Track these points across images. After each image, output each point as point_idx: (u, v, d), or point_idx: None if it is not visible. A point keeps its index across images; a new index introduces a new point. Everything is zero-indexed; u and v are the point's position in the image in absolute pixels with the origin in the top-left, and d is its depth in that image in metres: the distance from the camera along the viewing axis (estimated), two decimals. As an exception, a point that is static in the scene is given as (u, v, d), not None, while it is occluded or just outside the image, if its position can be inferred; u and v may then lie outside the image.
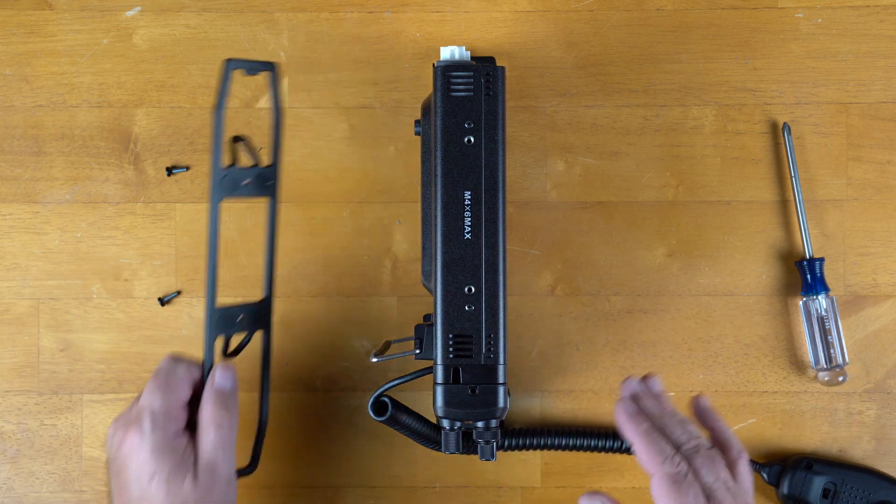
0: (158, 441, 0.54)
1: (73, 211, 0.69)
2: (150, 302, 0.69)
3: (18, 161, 0.69)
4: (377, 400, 0.60)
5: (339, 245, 0.69)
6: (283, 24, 0.69)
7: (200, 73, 0.69)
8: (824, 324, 0.67)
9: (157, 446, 0.54)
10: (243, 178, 0.57)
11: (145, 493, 0.54)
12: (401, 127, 0.69)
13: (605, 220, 0.69)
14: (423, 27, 0.69)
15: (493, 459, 0.56)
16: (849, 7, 0.69)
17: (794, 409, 0.68)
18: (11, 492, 0.69)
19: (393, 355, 0.62)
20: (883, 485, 0.66)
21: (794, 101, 0.69)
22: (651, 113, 0.69)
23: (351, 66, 0.69)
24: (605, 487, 0.69)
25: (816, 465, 0.66)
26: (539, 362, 0.69)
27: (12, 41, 0.69)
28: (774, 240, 0.69)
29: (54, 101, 0.69)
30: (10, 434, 0.69)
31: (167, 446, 0.54)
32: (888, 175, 0.69)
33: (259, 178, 0.59)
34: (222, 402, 0.57)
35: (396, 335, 0.68)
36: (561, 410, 0.69)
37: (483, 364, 0.54)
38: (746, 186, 0.69)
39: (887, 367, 0.68)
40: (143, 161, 0.69)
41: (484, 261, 0.53)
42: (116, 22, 0.69)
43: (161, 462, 0.54)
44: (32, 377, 0.69)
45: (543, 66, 0.69)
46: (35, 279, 0.69)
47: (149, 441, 0.54)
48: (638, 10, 0.69)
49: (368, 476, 0.69)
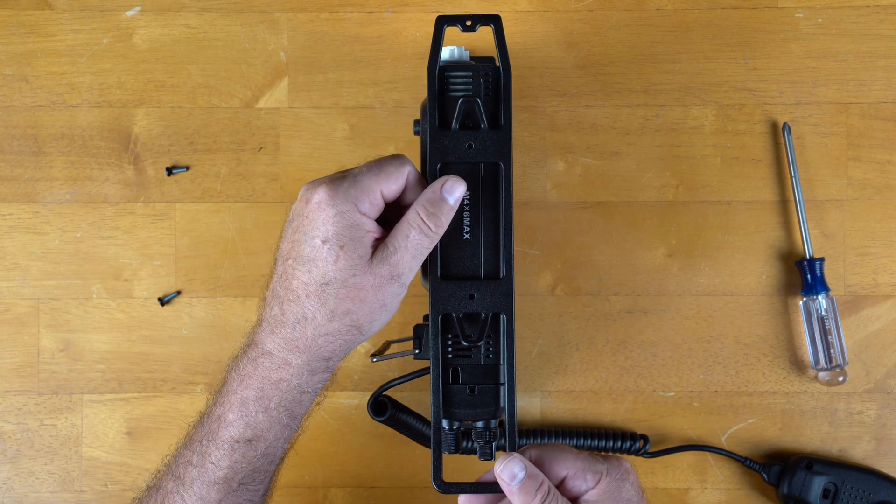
0: (348, 209, 0.50)
1: (73, 211, 0.69)
2: (150, 302, 0.69)
3: (18, 161, 0.69)
4: (377, 400, 0.60)
5: (339, 245, 0.69)
6: (283, 24, 0.69)
7: (200, 73, 0.69)
8: (824, 324, 0.67)
9: (343, 213, 0.50)
10: (466, 140, 0.53)
11: (315, 255, 0.50)
12: (401, 127, 0.69)
13: (605, 220, 0.69)
14: (423, 27, 0.69)
15: (492, 459, 0.55)
16: (849, 7, 0.69)
17: (794, 409, 0.68)
18: (11, 492, 0.69)
19: (392, 355, 0.61)
20: (883, 485, 0.66)
21: (794, 101, 0.69)
22: (651, 113, 0.69)
23: (351, 66, 0.69)
24: (604, 487, 0.68)
25: (816, 465, 0.66)
26: (539, 362, 0.69)
27: (12, 41, 0.69)
28: (774, 240, 0.69)
29: (54, 101, 0.69)
30: (10, 434, 0.69)
31: (354, 218, 0.50)
32: (888, 175, 0.69)
33: (486, 141, 0.53)
34: (437, 209, 0.51)
35: (396, 335, 0.68)
36: (561, 410, 0.69)
37: (482, 364, 0.54)
38: (746, 186, 0.69)
39: (887, 367, 0.68)
40: (143, 161, 0.69)
41: (483, 261, 0.53)
42: (116, 22, 0.69)
43: (341, 228, 0.50)
44: (32, 377, 0.69)
45: (543, 66, 0.69)
46: (35, 279, 0.69)
47: (340, 201, 0.50)
48: (638, 10, 0.69)
49: (368, 476, 0.69)
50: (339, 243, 0.50)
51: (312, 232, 0.50)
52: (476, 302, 0.53)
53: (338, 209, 0.50)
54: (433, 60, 0.53)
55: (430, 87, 0.53)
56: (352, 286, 0.50)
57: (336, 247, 0.50)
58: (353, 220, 0.50)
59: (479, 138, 0.53)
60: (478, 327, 0.53)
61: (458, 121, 0.53)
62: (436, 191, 0.51)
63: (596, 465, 0.51)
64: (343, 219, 0.50)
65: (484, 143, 0.53)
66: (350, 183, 0.50)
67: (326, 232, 0.50)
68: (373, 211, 0.51)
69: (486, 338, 0.53)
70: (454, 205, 0.52)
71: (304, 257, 0.50)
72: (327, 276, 0.50)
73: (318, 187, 0.51)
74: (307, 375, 0.52)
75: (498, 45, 0.54)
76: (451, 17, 0.54)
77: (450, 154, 0.53)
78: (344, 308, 0.50)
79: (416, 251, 0.51)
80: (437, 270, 0.53)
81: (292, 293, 0.51)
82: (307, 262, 0.50)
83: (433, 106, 0.53)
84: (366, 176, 0.51)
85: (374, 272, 0.50)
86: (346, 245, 0.50)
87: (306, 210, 0.51)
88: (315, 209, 0.50)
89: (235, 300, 0.69)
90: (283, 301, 0.51)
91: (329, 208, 0.50)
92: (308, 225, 0.50)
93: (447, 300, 0.53)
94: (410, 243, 0.51)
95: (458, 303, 0.53)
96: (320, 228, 0.50)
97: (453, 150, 0.53)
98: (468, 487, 0.53)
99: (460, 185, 0.52)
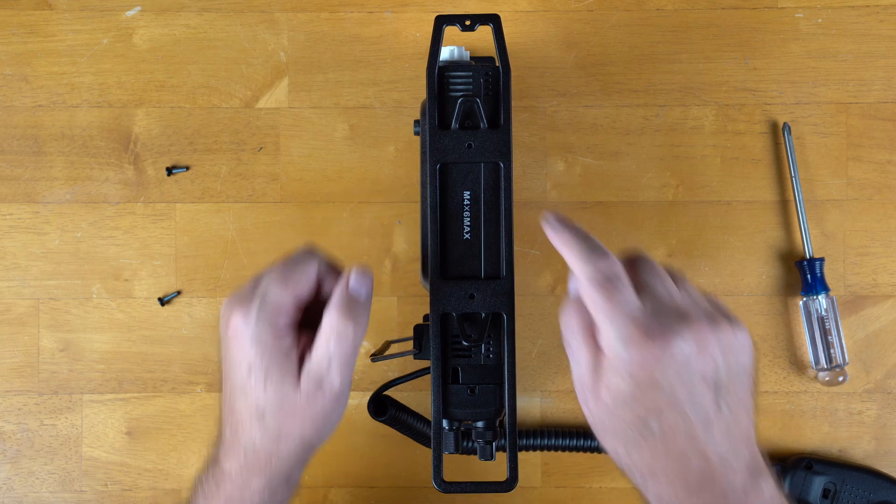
0: (263, 332, 0.48)
1: (73, 211, 0.69)
2: (150, 302, 0.69)
3: (18, 161, 0.69)
4: (377, 400, 0.60)
5: (339, 245, 0.69)
6: (283, 24, 0.69)
7: (200, 73, 0.69)
8: (824, 324, 0.67)
9: (259, 337, 0.48)
10: (466, 140, 0.53)
11: (244, 384, 0.49)
12: (401, 127, 0.69)
13: (605, 220, 0.69)
14: (423, 27, 0.69)
15: (492, 459, 0.55)
16: (849, 7, 0.69)
17: (794, 409, 0.68)
18: (11, 492, 0.69)
19: (392, 355, 0.61)
20: (883, 485, 0.66)
21: (794, 101, 0.69)
22: (651, 113, 0.69)
23: (351, 66, 0.69)
24: (605, 487, 0.69)
25: (816, 465, 0.66)
26: (539, 362, 0.69)
27: (12, 41, 0.69)
28: (774, 240, 0.69)
29: (54, 101, 0.69)
30: (10, 434, 0.69)
31: (270, 340, 0.48)
32: (888, 175, 0.69)
33: (485, 140, 0.53)
34: (351, 310, 0.49)
35: (396, 335, 0.68)
36: (561, 410, 0.69)
37: (483, 364, 0.54)
38: (746, 186, 0.69)
39: (887, 367, 0.68)
40: (143, 161, 0.69)
41: (483, 261, 0.53)
42: (116, 22, 0.69)
43: (260, 354, 0.48)
44: (32, 377, 0.69)
45: (543, 66, 0.69)
46: (35, 279, 0.69)
47: (252, 328, 0.48)
48: (638, 10, 0.69)
49: (368, 476, 0.69)
50: (263, 369, 0.48)
51: (237, 359, 0.49)
52: (476, 302, 0.53)
53: (254, 335, 0.48)
54: (433, 60, 0.53)
55: (430, 87, 0.53)
56: (287, 409, 0.49)
57: (261, 373, 0.49)
58: (272, 343, 0.48)
59: (478, 138, 0.53)
60: (478, 327, 0.53)
61: (457, 121, 0.53)
62: (344, 293, 0.50)
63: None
64: (261, 344, 0.48)
65: (483, 142, 0.53)
66: (260, 304, 0.49)
67: (249, 359, 0.49)
68: (291, 320, 0.50)
69: (486, 338, 0.53)
70: (367, 300, 0.50)
71: (236, 385, 0.50)
72: (260, 405, 0.49)
73: (231, 312, 0.49)
74: (269, 495, 0.51)
75: (497, 44, 0.54)
76: (450, 17, 0.55)
77: (449, 154, 0.53)
78: (287, 430, 0.49)
79: (341, 358, 0.49)
80: (438, 270, 0.53)
81: (237, 417, 0.50)
82: (240, 389, 0.49)
83: (433, 106, 0.53)
84: (273, 291, 0.49)
85: (305, 391, 0.49)
86: (270, 369, 0.48)
87: (227, 336, 0.50)
88: (233, 337, 0.49)
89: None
90: (232, 423, 0.51)
91: (246, 336, 0.48)
92: (231, 352, 0.50)
93: (447, 300, 0.53)
94: (333, 352, 0.49)
95: (459, 302, 0.53)
96: (242, 356, 0.49)
97: (453, 150, 0.53)
98: (469, 487, 0.53)
99: (367, 280, 0.51)
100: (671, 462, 0.45)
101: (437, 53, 0.54)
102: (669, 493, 0.46)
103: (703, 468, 0.45)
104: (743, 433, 0.46)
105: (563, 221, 0.48)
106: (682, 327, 0.45)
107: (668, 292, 0.47)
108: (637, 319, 0.45)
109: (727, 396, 0.45)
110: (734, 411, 0.46)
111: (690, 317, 0.45)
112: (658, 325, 0.45)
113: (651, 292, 0.46)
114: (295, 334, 0.50)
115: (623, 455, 0.47)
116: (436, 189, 0.53)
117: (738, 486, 0.45)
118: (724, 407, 0.45)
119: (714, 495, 0.45)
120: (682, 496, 0.46)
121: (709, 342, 0.45)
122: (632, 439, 0.46)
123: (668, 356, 0.44)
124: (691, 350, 0.44)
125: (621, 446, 0.46)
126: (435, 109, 0.53)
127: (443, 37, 0.54)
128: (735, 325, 0.47)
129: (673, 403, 0.45)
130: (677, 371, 0.44)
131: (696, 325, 0.45)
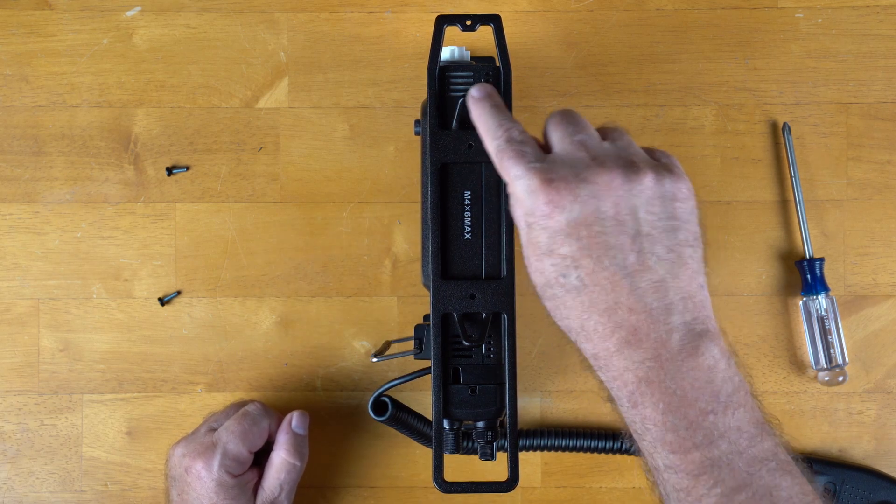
0: (225, 479, 0.59)
1: (73, 211, 0.69)
2: (150, 302, 0.69)
3: (18, 161, 0.69)
4: (377, 400, 0.60)
5: (339, 245, 0.69)
6: (283, 24, 0.69)
7: (200, 73, 0.69)
8: (824, 324, 0.67)
9: (222, 484, 0.59)
10: (466, 140, 0.53)
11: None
12: (401, 127, 0.69)
13: (605, 220, 0.69)
14: (423, 27, 0.69)
15: (493, 459, 0.55)
16: (849, 7, 0.69)
17: (794, 409, 0.68)
18: (11, 492, 0.69)
19: (393, 355, 0.62)
20: (883, 485, 0.66)
21: (794, 101, 0.69)
22: (651, 113, 0.69)
23: (351, 66, 0.69)
24: (605, 487, 0.69)
25: (816, 465, 0.66)
26: (539, 362, 0.69)
27: (12, 41, 0.69)
28: (774, 240, 0.69)
29: (54, 101, 0.69)
30: (10, 434, 0.69)
31: (231, 482, 0.59)
32: (888, 175, 0.69)
33: None
34: (296, 447, 0.62)
35: (396, 335, 0.68)
36: (561, 410, 0.69)
37: (483, 364, 0.54)
38: (746, 186, 0.69)
39: (887, 367, 0.68)
40: (143, 161, 0.69)
41: (484, 261, 0.53)
42: (116, 22, 0.69)
43: (223, 493, 0.59)
44: (32, 377, 0.69)
45: (543, 66, 0.69)
46: (35, 279, 0.69)
47: (216, 476, 0.59)
48: (638, 10, 0.69)
49: (368, 476, 0.69)
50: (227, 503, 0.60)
51: (201, 497, 0.59)
52: (477, 302, 0.53)
53: (217, 480, 0.59)
54: (433, 60, 0.53)
55: (430, 87, 0.53)
56: None
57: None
58: (232, 483, 0.59)
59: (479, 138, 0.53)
60: (478, 327, 0.53)
61: (458, 121, 0.53)
62: (289, 432, 0.62)
63: None
64: (223, 487, 0.59)
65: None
66: (221, 455, 0.59)
67: (211, 499, 0.59)
68: (247, 465, 0.61)
69: (486, 338, 0.53)
70: (306, 432, 0.63)
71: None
72: None
73: (194, 460, 0.59)
74: None
75: (498, 44, 0.54)
76: (450, 17, 0.55)
77: (450, 154, 0.53)
78: None
79: (290, 484, 0.62)
80: (438, 270, 0.53)
81: None
82: None
83: (433, 106, 0.53)
84: (232, 444, 0.60)
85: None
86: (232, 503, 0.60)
87: (188, 479, 0.59)
88: (196, 479, 0.59)
89: (235, 300, 0.69)
90: None
91: (208, 481, 0.59)
92: (193, 493, 0.59)
93: (448, 300, 0.53)
94: (283, 481, 0.61)
95: (459, 302, 0.53)
96: (205, 496, 0.59)
97: (453, 150, 0.53)
98: (469, 487, 0.53)
99: (305, 420, 0.63)
100: (600, 318, 0.44)
101: (438, 53, 0.54)
102: (602, 351, 0.44)
103: (633, 323, 0.43)
104: (682, 289, 0.44)
105: (484, 97, 0.49)
106: (588, 173, 0.44)
107: (585, 145, 0.46)
108: (539, 169, 0.44)
109: (654, 247, 0.44)
110: (668, 264, 0.44)
111: (604, 164, 0.44)
112: (562, 173, 0.44)
113: (565, 145, 0.46)
114: (249, 473, 0.61)
115: (560, 316, 0.46)
116: (436, 189, 0.53)
117: (674, 345, 0.43)
118: (652, 257, 0.44)
119: (644, 351, 0.43)
120: (613, 353, 0.44)
121: (619, 188, 0.44)
122: (560, 296, 0.45)
123: (573, 201, 0.43)
124: (600, 195, 0.43)
125: (554, 306, 0.45)
126: (435, 109, 0.53)
127: (443, 37, 0.54)
128: (669, 175, 0.46)
129: (587, 251, 0.43)
130: (585, 217, 0.43)
131: (607, 172, 0.44)
